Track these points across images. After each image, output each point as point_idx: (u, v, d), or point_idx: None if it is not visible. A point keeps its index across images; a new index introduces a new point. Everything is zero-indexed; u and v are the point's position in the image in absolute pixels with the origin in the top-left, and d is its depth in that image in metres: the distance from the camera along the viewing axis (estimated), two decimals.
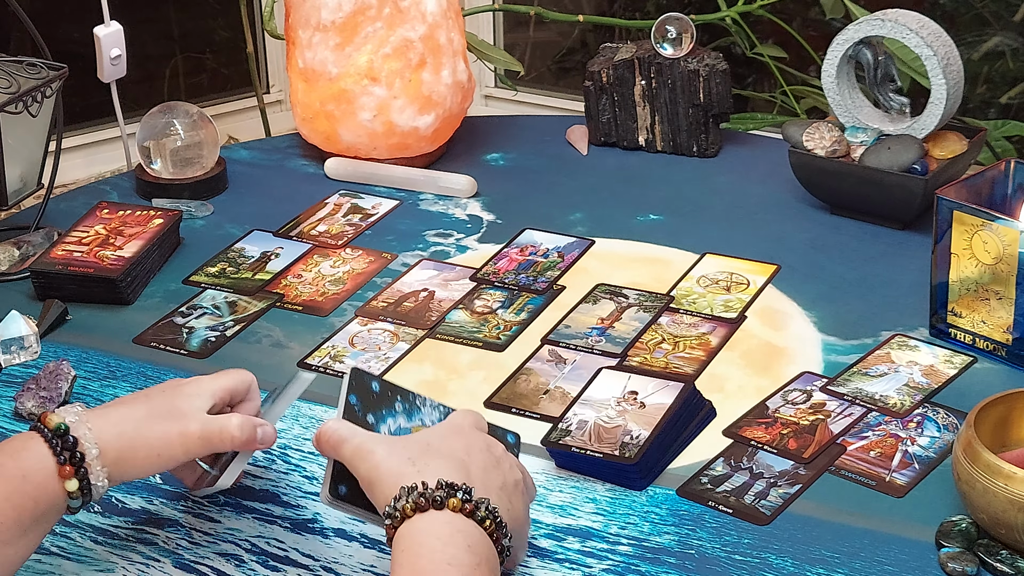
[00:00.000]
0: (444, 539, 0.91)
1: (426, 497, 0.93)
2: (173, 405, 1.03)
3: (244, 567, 1.07)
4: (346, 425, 1.00)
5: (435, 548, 0.91)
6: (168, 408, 1.03)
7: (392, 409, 1.05)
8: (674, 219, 1.62)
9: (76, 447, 0.98)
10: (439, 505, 0.93)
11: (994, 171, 1.37)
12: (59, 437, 0.98)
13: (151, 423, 1.02)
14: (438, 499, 0.93)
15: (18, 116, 1.46)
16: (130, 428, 1.01)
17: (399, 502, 0.93)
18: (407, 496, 0.93)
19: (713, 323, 1.39)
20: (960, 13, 2.38)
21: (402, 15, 1.68)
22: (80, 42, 2.00)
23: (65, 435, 0.98)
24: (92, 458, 0.98)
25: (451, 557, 0.90)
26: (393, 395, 1.06)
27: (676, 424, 1.19)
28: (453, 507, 0.93)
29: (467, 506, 0.93)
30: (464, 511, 0.93)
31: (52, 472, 0.97)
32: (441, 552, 0.90)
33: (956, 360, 1.32)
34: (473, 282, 1.48)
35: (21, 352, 1.34)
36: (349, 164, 1.73)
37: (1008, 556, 1.05)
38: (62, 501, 0.98)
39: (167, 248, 1.54)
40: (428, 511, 0.92)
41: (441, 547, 0.91)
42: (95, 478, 0.99)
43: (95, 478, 0.99)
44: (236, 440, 1.04)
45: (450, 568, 0.89)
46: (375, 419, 1.03)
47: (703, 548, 1.08)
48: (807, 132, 1.59)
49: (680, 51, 1.75)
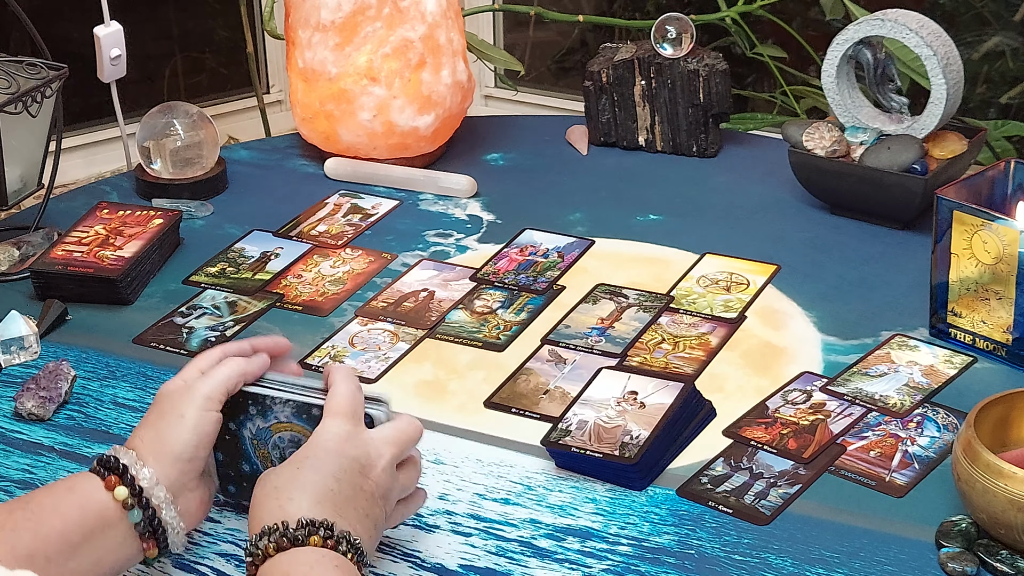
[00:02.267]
0: (310, 563, 0.92)
1: (288, 537, 0.93)
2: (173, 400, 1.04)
3: (244, 567, 1.07)
4: None
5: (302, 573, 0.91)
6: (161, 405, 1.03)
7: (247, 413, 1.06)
8: (674, 219, 1.62)
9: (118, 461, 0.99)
10: (300, 543, 0.93)
11: (994, 171, 1.37)
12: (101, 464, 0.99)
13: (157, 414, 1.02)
14: (299, 538, 0.93)
15: (18, 116, 1.46)
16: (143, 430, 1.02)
17: (260, 541, 0.93)
18: (268, 536, 0.93)
19: (713, 323, 1.39)
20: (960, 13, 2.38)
21: (402, 15, 1.68)
22: (80, 42, 2.00)
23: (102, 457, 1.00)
24: (131, 460, 0.99)
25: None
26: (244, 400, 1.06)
27: (676, 424, 1.19)
28: (315, 544, 0.93)
29: (328, 542, 0.93)
30: (326, 546, 0.93)
31: (98, 485, 0.98)
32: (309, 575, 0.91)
33: (956, 360, 1.32)
34: (473, 282, 1.48)
35: (21, 352, 1.34)
36: (349, 164, 1.73)
37: (1008, 556, 1.05)
38: (113, 511, 0.97)
39: (167, 248, 1.54)
40: (290, 549, 0.93)
41: (308, 571, 0.91)
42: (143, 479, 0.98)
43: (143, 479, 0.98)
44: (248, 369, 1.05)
45: None
46: (237, 425, 1.06)
47: (703, 548, 1.08)
48: (807, 132, 1.59)
49: (680, 51, 1.75)
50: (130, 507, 0.98)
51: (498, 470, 1.19)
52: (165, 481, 0.99)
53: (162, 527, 0.99)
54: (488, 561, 1.08)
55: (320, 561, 0.92)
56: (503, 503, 1.14)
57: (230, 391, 1.04)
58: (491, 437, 1.23)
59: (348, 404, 1.02)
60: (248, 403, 1.06)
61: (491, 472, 1.18)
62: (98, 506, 0.97)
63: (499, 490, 1.16)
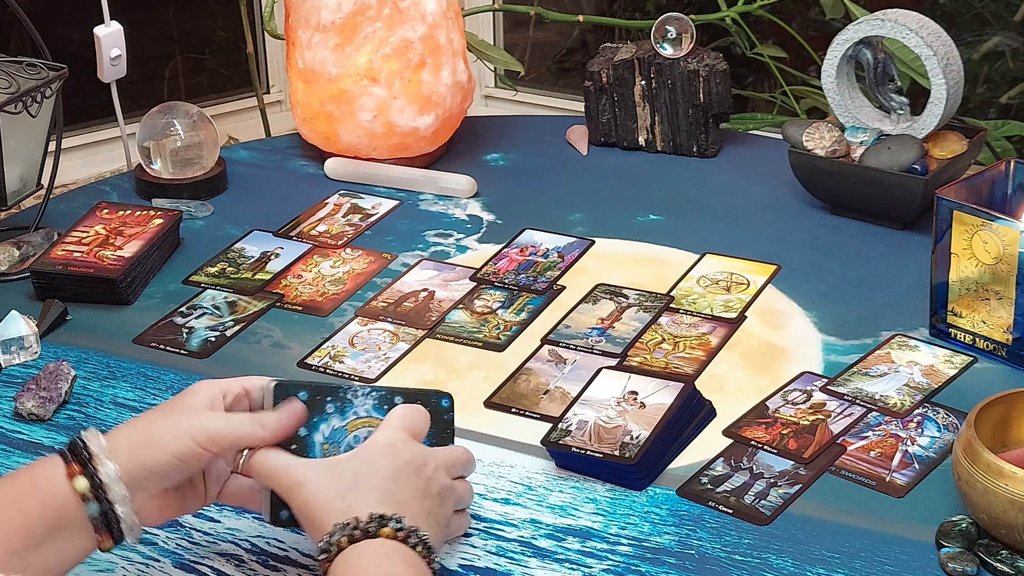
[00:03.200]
0: (380, 558, 0.93)
1: (360, 529, 0.94)
2: (180, 400, 1.02)
3: (244, 567, 1.07)
4: (275, 454, 1.00)
5: (371, 567, 0.92)
6: (175, 404, 1.02)
7: (323, 413, 1.04)
8: (674, 219, 1.62)
9: (86, 448, 0.97)
10: (373, 535, 0.94)
11: (994, 171, 1.37)
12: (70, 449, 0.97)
13: (163, 416, 1.00)
14: (371, 530, 0.94)
15: (18, 116, 1.46)
16: (139, 423, 1.00)
17: (333, 537, 0.94)
18: (340, 531, 0.94)
19: (713, 323, 1.39)
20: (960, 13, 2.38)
21: (402, 15, 1.68)
22: (80, 42, 2.00)
23: (74, 441, 0.98)
24: (98, 448, 0.96)
25: (388, 570, 0.92)
26: (323, 397, 1.04)
27: (676, 424, 1.19)
28: (387, 535, 0.94)
29: (400, 534, 0.94)
30: (397, 538, 0.94)
31: (60, 474, 0.95)
32: (377, 569, 0.92)
33: (956, 360, 1.32)
34: (473, 282, 1.48)
35: (21, 352, 1.34)
36: (349, 164, 1.73)
37: (1008, 556, 1.05)
38: (73, 506, 0.95)
39: (167, 248, 1.54)
40: (362, 541, 0.94)
41: (377, 564, 0.92)
42: (105, 474, 0.95)
43: (105, 474, 0.95)
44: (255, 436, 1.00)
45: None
46: (308, 429, 1.03)
47: (703, 548, 1.08)
48: (807, 132, 1.59)
49: (680, 51, 1.75)
50: (88, 500, 0.95)
51: (498, 470, 1.19)
52: (127, 479, 0.96)
53: (117, 521, 0.96)
54: (488, 561, 1.08)
55: (389, 555, 0.93)
56: (503, 503, 1.14)
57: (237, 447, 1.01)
58: (491, 437, 1.23)
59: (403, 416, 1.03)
60: (327, 400, 1.03)
61: (491, 472, 1.18)
62: (60, 501, 0.95)
63: (499, 490, 1.16)
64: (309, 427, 1.03)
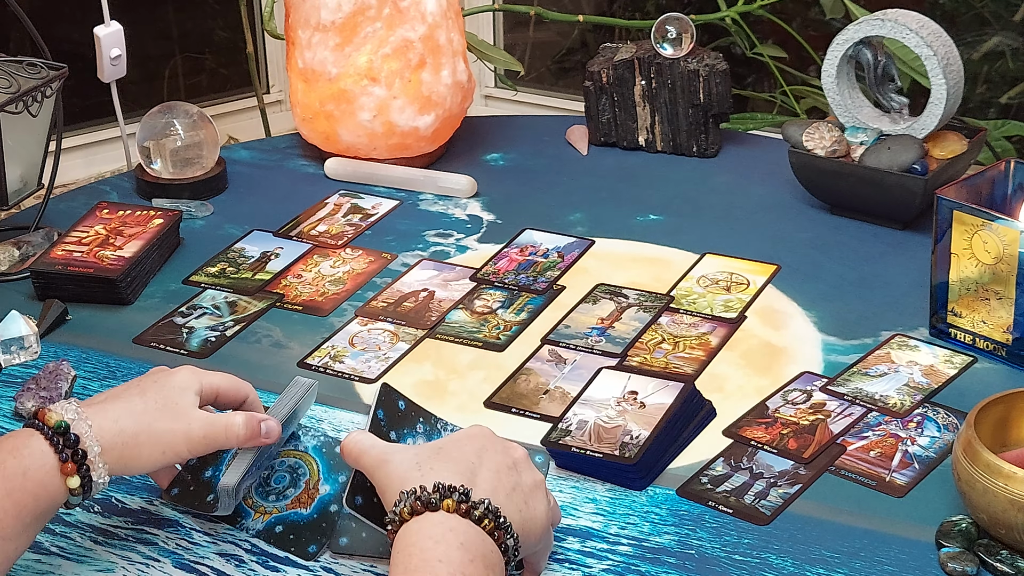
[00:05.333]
0: (436, 537, 0.92)
1: (421, 500, 0.93)
2: (169, 399, 1.04)
3: (244, 567, 1.07)
4: (368, 436, 1.01)
5: (426, 547, 0.91)
6: (164, 402, 1.03)
7: (413, 430, 1.07)
8: (674, 219, 1.62)
9: (78, 444, 0.99)
10: (434, 507, 0.93)
11: (994, 171, 1.37)
12: (60, 435, 0.98)
13: (152, 420, 1.02)
14: (433, 501, 0.93)
15: (18, 116, 1.46)
16: (130, 425, 1.01)
17: (398, 506, 0.94)
18: (405, 500, 0.94)
19: (713, 323, 1.39)
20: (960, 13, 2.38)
21: (402, 15, 1.68)
22: (80, 42, 2.00)
23: (66, 433, 0.99)
24: (94, 455, 0.99)
25: (441, 554, 0.91)
26: (416, 416, 1.08)
27: (676, 424, 1.19)
28: (447, 508, 0.93)
29: (462, 506, 0.93)
30: (459, 511, 0.93)
31: (53, 469, 0.98)
32: (432, 550, 0.91)
33: (956, 360, 1.32)
34: (473, 282, 1.48)
35: (21, 352, 1.34)
36: (349, 164, 1.73)
37: (1008, 556, 1.05)
38: (62, 497, 0.99)
39: (167, 248, 1.54)
40: (423, 513, 0.93)
41: (432, 545, 0.91)
42: (97, 475, 0.99)
43: (97, 475, 0.99)
44: (240, 437, 1.05)
45: (440, 565, 0.90)
46: (397, 436, 1.06)
47: (703, 548, 1.08)
48: (807, 132, 1.59)
49: (680, 51, 1.75)
50: (77, 495, 0.99)
51: None
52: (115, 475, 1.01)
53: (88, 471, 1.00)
54: None
55: (445, 536, 0.92)
56: None
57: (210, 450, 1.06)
58: None
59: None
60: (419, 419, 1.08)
61: None
62: (52, 494, 0.98)
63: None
64: (399, 435, 1.06)
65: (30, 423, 1.00)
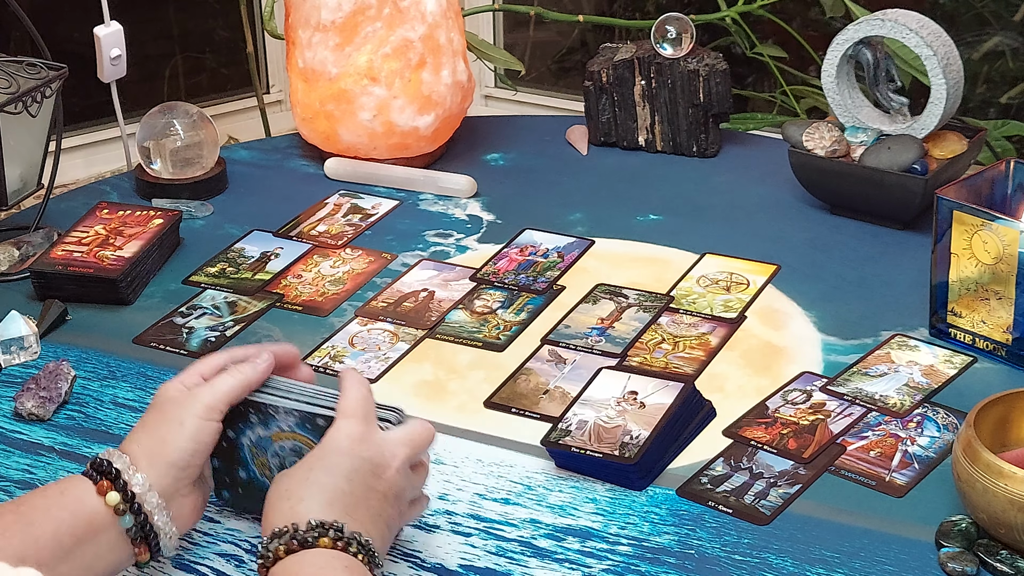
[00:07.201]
0: (320, 565, 0.92)
1: (297, 539, 0.93)
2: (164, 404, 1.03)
3: (244, 567, 1.07)
4: None
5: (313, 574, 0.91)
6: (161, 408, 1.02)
7: (248, 422, 1.06)
8: (674, 219, 1.62)
9: (109, 464, 0.98)
10: (310, 546, 0.93)
11: (994, 171, 1.37)
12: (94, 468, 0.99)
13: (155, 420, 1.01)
14: (309, 540, 0.93)
15: (18, 116, 1.46)
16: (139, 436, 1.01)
17: (272, 543, 0.94)
18: (279, 538, 0.94)
19: (713, 323, 1.39)
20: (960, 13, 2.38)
21: (402, 15, 1.68)
22: (80, 42, 2.00)
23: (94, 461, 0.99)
24: (123, 464, 0.98)
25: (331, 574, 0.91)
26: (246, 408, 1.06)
27: (676, 424, 1.19)
28: (324, 545, 0.93)
29: (339, 544, 0.93)
30: (336, 548, 0.93)
31: (90, 490, 0.97)
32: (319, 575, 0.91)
33: (956, 360, 1.32)
34: (473, 282, 1.48)
35: (21, 352, 1.34)
36: (349, 164, 1.73)
37: (1008, 556, 1.05)
38: (105, 519, 0.97)
39: (167, 248, 1.54)
40: (299, 551, 0.93)
41: (317, 571, 0.91)
42: (136, 486, 0.97)
43: (136, 486, 0.97)
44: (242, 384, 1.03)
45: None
46: (236, 433, 1.06)
47: (703, 548, 1.08)
48: (807, 132, 1.59)
49: (680, 51, 1.75)
50: (121, 512, 0.97)
51: (498, 470, 1.19)
52: (158, 486, 0.99)
53: (154, 532, 0.98)
54: (488, 561, 1.08)
55: (330, 563, 0.92)
56: (503, 503, 1.14)
57: (233, 402, 1.03)
58: (491, 437, 1.23)
59: (360, 406, 1.02)
60: (249, 411, 1.05)
61: (491, 472, 1.18)
62: (89, 511, 0.97)
63: (499, 490, 1.16)
64: (237, 432, 1.06)
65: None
